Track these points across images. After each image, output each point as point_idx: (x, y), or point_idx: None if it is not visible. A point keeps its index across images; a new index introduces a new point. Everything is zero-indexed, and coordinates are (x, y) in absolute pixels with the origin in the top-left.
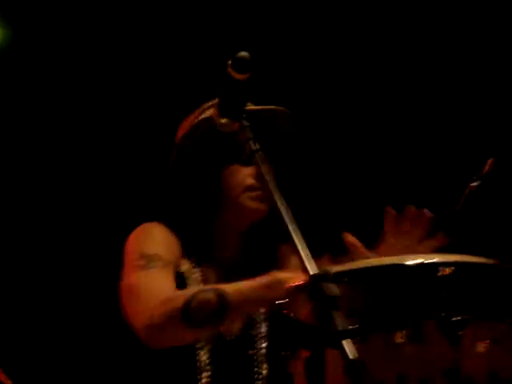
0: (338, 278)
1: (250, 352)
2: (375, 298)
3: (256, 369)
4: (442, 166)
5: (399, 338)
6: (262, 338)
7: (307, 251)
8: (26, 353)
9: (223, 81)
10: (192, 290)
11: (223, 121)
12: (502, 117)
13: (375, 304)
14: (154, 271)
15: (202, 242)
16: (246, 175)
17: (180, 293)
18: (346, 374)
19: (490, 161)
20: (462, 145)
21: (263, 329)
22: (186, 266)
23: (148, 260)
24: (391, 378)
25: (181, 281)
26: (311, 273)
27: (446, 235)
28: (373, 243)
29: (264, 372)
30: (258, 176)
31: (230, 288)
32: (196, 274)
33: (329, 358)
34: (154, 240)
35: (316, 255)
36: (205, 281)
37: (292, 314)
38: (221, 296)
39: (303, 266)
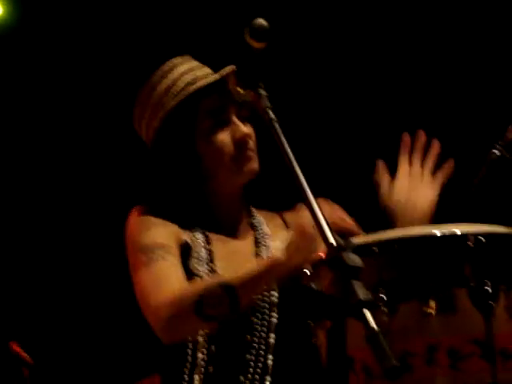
0: (367, 248)
1: (256, 321)
2: (405, 269)
3: (261, 339)
4: (463, 134)
5: (429, 308)
6: (272, 306)
7: (325, 222)
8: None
9: (240, 49)
10: (200, 286)
11: (240, 90)
12: None
13: (405, 274)
14: (157, 264)
15: (198, 211)
16: (225, 141)
17: (190, 290)
18: (368, 344)
19: (511, 128)
20: (484, 111)
21: (274, 298)
22: (186, 235)
23: (148, 253)
24: (421, 349)
25: (186, 249)
26: (332, 243)
27: (467, 204)
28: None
29: (271, 341)
30: (251, 138)
31: (236, 280)
32: (201, 240)
33: (350, 328)
34: (148, 228)
35: None
36: (209, 244)
37: (314, 285)
38: (230, 290)
39: (323, 236)
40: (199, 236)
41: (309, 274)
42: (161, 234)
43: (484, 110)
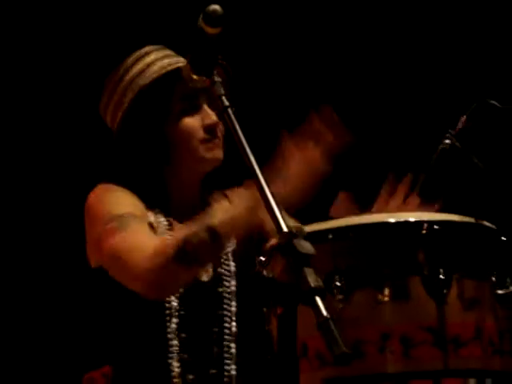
0: (322, 235)
1: (219, 311)
2: (359, 256)
3: (226, 324)
4: (414, 123)
5: (383, 295)
6: (231, 294)
7: (280, 207)
8: None
9: (194, 36)
10: (181, 234)
11: (195, 77)
12: (473, 73)
13: (359, 261)
14: (132, 229)
15: (160, 195)
16: (195, 126)
17: (170, 240)
18: (319, 331)
19: (462, 118)
20: (435, 101)
21: (232, 286)
22: (151, 217)
23: (120, 220)
24: (375, 336)
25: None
26: (284, 230)
27: (417, 193)
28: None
29: (233, 330)
30: (215, 127)
31: (218, 220)
32: (163, 224)
33: (304, 315)
34: (118, 199)
35: None
36: (171, 230)
37: (265, 272)
38: (212, 232)
39: (276, 223)
40: (162, 220)
41: (262, 260)
42: (128, 204)
43: (435, 101)
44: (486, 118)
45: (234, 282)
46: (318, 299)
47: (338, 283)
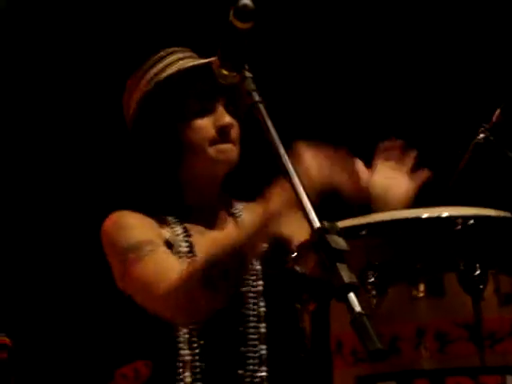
0: (355, 231)
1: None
2: (393, 252)
3: (252, 324)
4: (448, 116)
5: (418, 291)
6: (258, 296)
7: (311, 204)
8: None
9: (224, 30)
10: (204, 258)
11: (224, 72)
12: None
13: (393, 257)
14: (150, 257)
15: (175, 200)
16: (207, 127)
17: (194, 265)
18: (352, 328)
19: (497, 111)
20: (469, 94)
21: (259, 287)
22: (167, 233)
23: (137, 250)
24: (410, 332)
25: (168, 245)
26: (316, 225)
27: (452, 188)
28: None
29: (262, 331)
30: (227, 125)
31: (240, 239)
32: (180, 235)
33: (338, 311)
34: (131, 228)
35: None
36: (189, 236)
37: (298, 268)
38: (237, 253)
39: (308, 219)
40: (178, 229)
41: (294, 256)
42: (144, 230)
43: (471, 95)
44: None
45: (260, 282)
46: (351, 295)
47: (371, 279)
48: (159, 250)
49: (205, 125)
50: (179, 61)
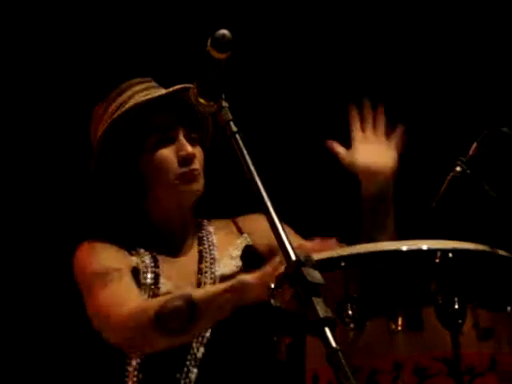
0: (334, 262)
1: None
2: (372, 284)
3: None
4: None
5: (397, 325)
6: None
7: (286, 236)
8: None
9: (202, 60)
10: (161, 299)
11: (202, 101)
12: (486, 99)
13: (372, 290)
14: (113, 284)
15: (143, 231)
16: (169, 158)
17: (150, 303)
18: (328, 362)
19: (474, 145)
20: (445, 129)
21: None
22: (135, 259)
23: (102, 277)
24: (388, 366)
25: (135, 273)
26: (292, 258)
27: (429, 221)
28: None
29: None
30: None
31: (199, 293)
32: (147, 263)
33: (314, 344)
34: (98, 256)
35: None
36: (156, 266)
37: (273, 302)
38: (190, 303)
39: (284, 251)
40: (146, 258)
41: (270, 289)
42: (112, 258)
43: (447, 127)
44: (497, 145)
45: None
46: (327, 330)
47: (350, 312)
48: (123, 280)
49: (166, 155)
50: (136, 94)
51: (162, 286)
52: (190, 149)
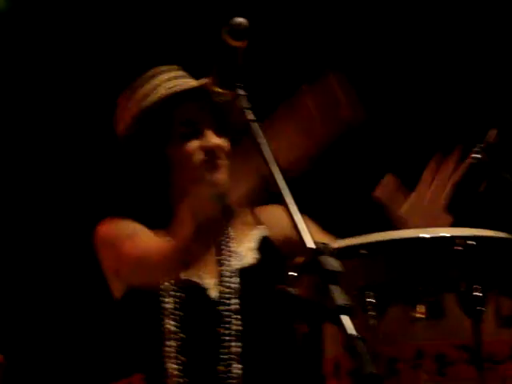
0: (355, 250)
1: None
2: (393, 272)
3: (226, 344)
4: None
5: (418, 312)
6: (232, 312)
7: (304, 225)
8: None
9: (218, 49)
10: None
11: (219, 90)
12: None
13: (393, 277)
14: (140, 235)
15: (166, 221)
16: (195, 150)
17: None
18: (345, 350)
19: (492, 131)
20: (463, 114)
21: (234, 304)
22: None
23: (128, 233)
24: (408, 354)
25: None
26: (309, 246)
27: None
28: None
29: (236, 350)
30: (216, 148)
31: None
32: None
33: (327, 333)
34: (121, 222)
35: None
36: None
37: (291, 290)
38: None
39: (301, 240)
40: None
41: (288, 277)
42: (135, 223)
43: (464, 114)
44: None
45: (236, 301)
46: (344, 318)
47: (370, 299)
48: (148, 232)
49: (192, 147)
50: (163, 84)
51: (181, 274)
52: (214, 140)
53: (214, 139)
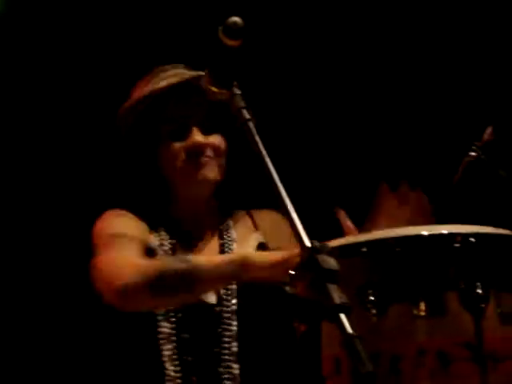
0: (355, 248)
1: (219, 329)
2: (394, 270)
3: (226, 344)
4: (439, 134)
5: (419, 310)
6: (231, 313)
7: (301, 224)
8: None
9: (214, 48)
10: (166, 259)
11: (214, 89)
12: (501, 83)
13: (394, 275)
14: (121, 245)
15: (164, 216)
16: (178, 149)
17: (154, 261)
18: (343, 348)
19: (489, 129)
20: (459, 113)
21: (233, 305)
22: (154, 240)
23: (114, 238)
24: (410, 352)
25: (150, 254)
26: (306, 245)
27: (443, 207)
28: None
29: (234, 350)
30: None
31: (204, 260)
32: (166, 247)
33: (325, 331)
34: (118, 221)
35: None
36: (174, 253)
37: (288, 289)
38: (194, 267)
39: (298, 238)
40: (166, 243)
41: (287, 277)
42: (130, 230)
43: (460, 113)
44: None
45: (234, 301)
46: (342, 316)
47: (371, 297)
48: (131, 243)
49: (176, 146)
50: (161, 82)
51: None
52: (198, 138)
53: (198, 137)
